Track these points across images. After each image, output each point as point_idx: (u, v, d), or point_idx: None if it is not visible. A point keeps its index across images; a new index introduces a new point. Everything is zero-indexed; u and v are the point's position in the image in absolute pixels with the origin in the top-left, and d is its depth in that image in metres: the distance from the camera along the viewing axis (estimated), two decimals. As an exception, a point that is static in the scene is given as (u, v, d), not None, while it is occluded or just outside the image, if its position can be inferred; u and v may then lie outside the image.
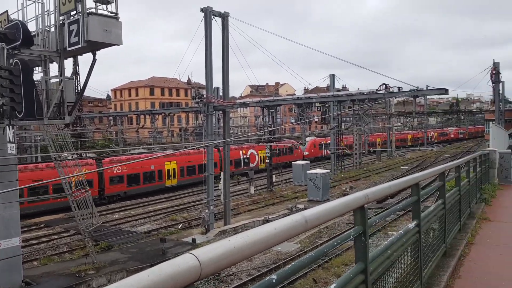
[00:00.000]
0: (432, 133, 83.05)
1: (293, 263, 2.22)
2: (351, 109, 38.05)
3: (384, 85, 26.16)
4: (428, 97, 73.12)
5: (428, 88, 23.13)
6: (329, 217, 2.65)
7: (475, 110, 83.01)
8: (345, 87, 76.18)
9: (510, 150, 16.84)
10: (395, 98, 47.75)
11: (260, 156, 44.41)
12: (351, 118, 48.68)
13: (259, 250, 1.88)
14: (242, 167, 41.68)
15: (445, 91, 22.56)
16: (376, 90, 26.94)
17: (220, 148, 32.68)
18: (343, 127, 46.24)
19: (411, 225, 4.53)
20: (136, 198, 31.09)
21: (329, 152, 49.35)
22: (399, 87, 25.02)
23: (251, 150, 44.42)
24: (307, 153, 52.13)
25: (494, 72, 36.24)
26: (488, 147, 15.51)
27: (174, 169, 34.75)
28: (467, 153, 53.92)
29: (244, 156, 43.13)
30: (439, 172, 6.07)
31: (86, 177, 32.38)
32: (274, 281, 1.97)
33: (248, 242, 1.78)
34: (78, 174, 15.32)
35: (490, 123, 22.62)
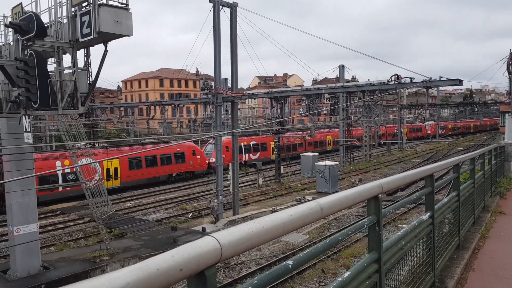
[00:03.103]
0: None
1: (308, 250, 2.24)
2: (361, 100, 37.71)
3: (396, 76, 25.74)
4: (440, 88, 71.76)
5: (442, 79, 22.73)
6: (343, 206, 2.66)
7: (489, 101, 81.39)
8: (355, 78, 75.44)
9: None
10: (407, 89, 47.15)
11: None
12: (360, 110, 48.29)
13: (275, 236, 1.90)
14: None
15: (459, 82, 22.09)
16: (388, 80, 26.54)
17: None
18: (352, 118, 45.82)
19: (425, 216, 4.52)
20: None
21: (251, 158, 40.02)
22: (411, 78, 24.57)
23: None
24: (214, 159, 38.72)
25: (510, 62, 35.33)
26: (504, 139, 15.25)
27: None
28: (481, 146, 53.27)
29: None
30: (454, 164, 6.02)
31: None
32: (290, 266, 2.00)
33: (266, 227, 1.81)
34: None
35: (506, 115, 22.13)
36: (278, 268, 1.92)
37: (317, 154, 37.67)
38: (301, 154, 37.63)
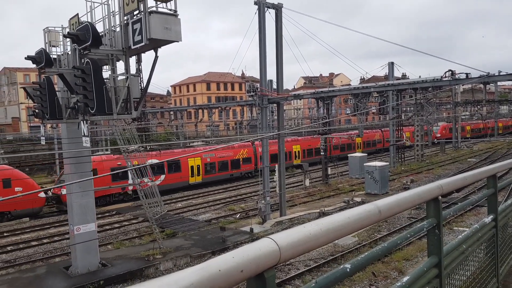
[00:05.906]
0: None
1: (366, 253, 2.17)
2: (412, 98, 36.21)
3: (450, 72, 24.53)
4: (499, 83, 67.17)
5: (501, 73, 21.35)
6: (402, 208, 2.55)
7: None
8: (405, 75, 72.58)
9: None
10: (462, 85, 44.60)
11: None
12: (412, 108, 46.32)
13: (333, 238, 1.85)
14: None
15: (521, 76, 20.70)
16: (441, 77, 25.37)
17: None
18: (403, 117, 44.06)
19: (487, 219, 4.24)
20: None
21: (152, 181, 21.39)
22: (466, 74, 23.35)
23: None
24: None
25: None
26: None
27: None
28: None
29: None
30: (518, 164, 5.60)
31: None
32: (348, 270, 1.94)
33: (323, 229, 1.77)
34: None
35: None
36: (336, 272, 1.87)
37: (366, 154, 36.71)
38: (348, 155, 36.91)
